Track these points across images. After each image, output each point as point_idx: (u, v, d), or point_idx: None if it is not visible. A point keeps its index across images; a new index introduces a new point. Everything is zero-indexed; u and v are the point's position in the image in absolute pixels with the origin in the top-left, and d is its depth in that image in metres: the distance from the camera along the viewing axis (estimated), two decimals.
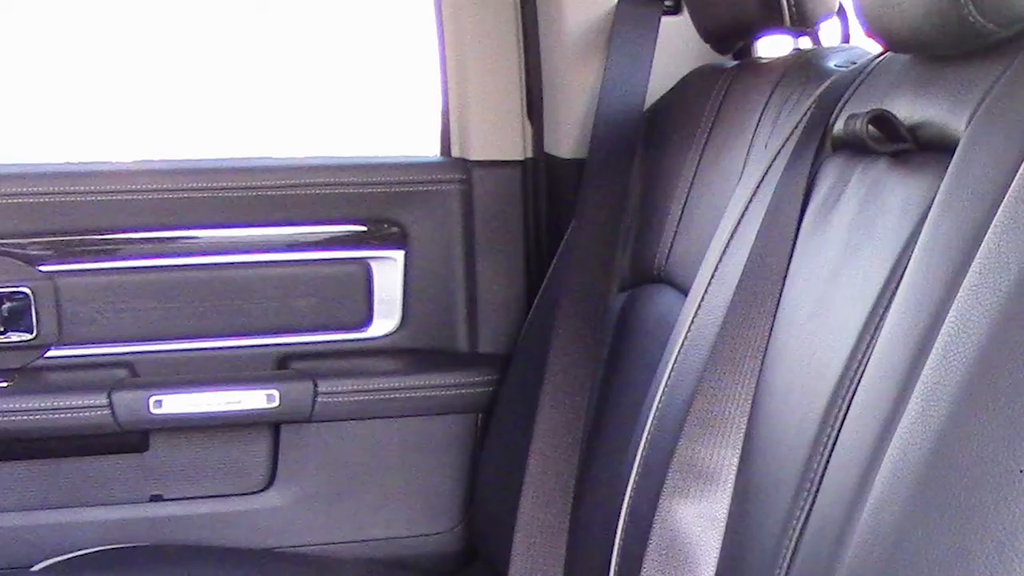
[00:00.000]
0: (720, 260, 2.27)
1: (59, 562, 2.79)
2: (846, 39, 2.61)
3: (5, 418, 2.83)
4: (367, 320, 3.11)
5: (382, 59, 3.87)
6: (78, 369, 2.94)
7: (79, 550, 2.84)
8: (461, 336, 3.15)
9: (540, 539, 2.52)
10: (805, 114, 2.25)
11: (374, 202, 3.08)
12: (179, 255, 2.98)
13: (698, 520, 1.97)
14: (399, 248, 3.10)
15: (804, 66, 2.43)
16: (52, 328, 2.93)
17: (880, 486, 1.61)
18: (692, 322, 2.27)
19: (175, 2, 4.21)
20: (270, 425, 3.02)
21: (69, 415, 2.85)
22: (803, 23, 2.58)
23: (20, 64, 4.34)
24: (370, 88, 4.03)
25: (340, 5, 4.03)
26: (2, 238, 2.90)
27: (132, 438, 2.94)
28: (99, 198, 2.92)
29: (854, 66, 2.28)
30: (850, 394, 1.81)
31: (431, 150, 3.22)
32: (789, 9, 2.53)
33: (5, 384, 2.89)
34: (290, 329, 3.06)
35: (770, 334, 2.05)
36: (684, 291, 2.43)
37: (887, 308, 1.80)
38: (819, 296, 1.98)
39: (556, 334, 2.65)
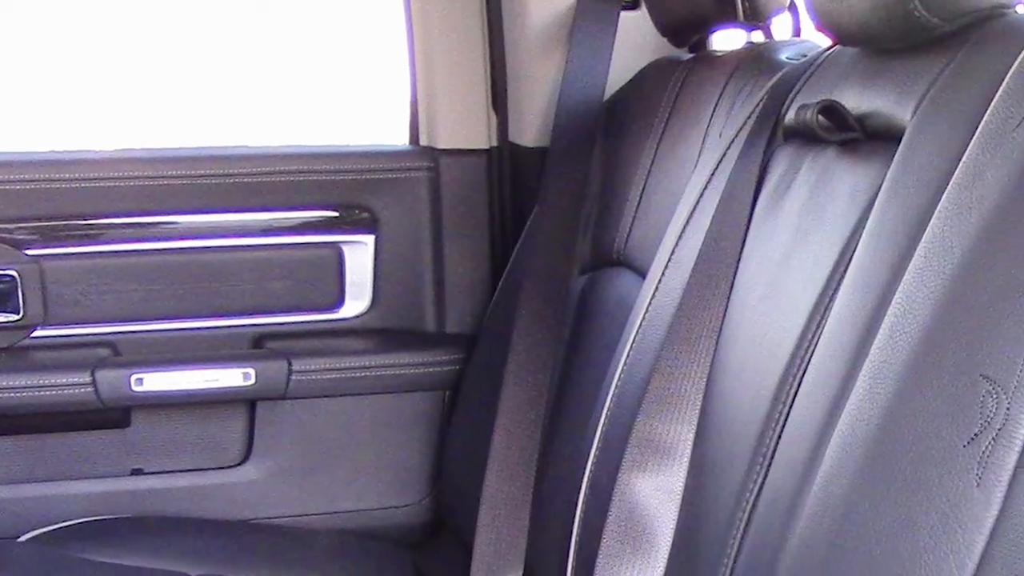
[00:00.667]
0: (676, 244, 2.27)
1: (45, 533, 2.78)
2: (797, 33, 2.61)
3: None
4: (339, 301, 3.10)
5: (354, 53, 3.85)
6: (63, 348, 2.93)
7: (64, 521, 2.83)
8: (429, 317, 3.15)
9: (504, 511, 2.51)
10: (758, 105, 2.24)
11: (345, 189, 3.07)
12: (160, 239, 2.97)
13: (655, 493, 1.97)
14: (369, 233, 3.09)
15: (757, 59, 2.43)
16: (38, 309, 2.91)
17: (830, 460, 1.61)
18: (650, 303, 2.27)
19: None
20: (246, 402, 3.01)
21: (54, 392, 2.84)
22: (756, 18, 2.58)
23: None
24: (342, 80, 4.01)
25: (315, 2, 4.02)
26: None
27: (114, 414, 2.94)
28: (83, 185, 2.90)
29: (804, 59, 2.28)
30: (801, 372, 1.81)
31: (400, 139, 3.21)
32: (742, 4, 2.54)
33: None
34: (265, 310, 3.05)
35: (724, 315, 2.05)
36: (642, 274, 2.42)
37: (836, 290, 1.80)
38: (771, 278, 1.98)
39: (520, 315, 2.65)
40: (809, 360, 1.80)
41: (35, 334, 2.94)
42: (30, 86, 4.43)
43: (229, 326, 3.04)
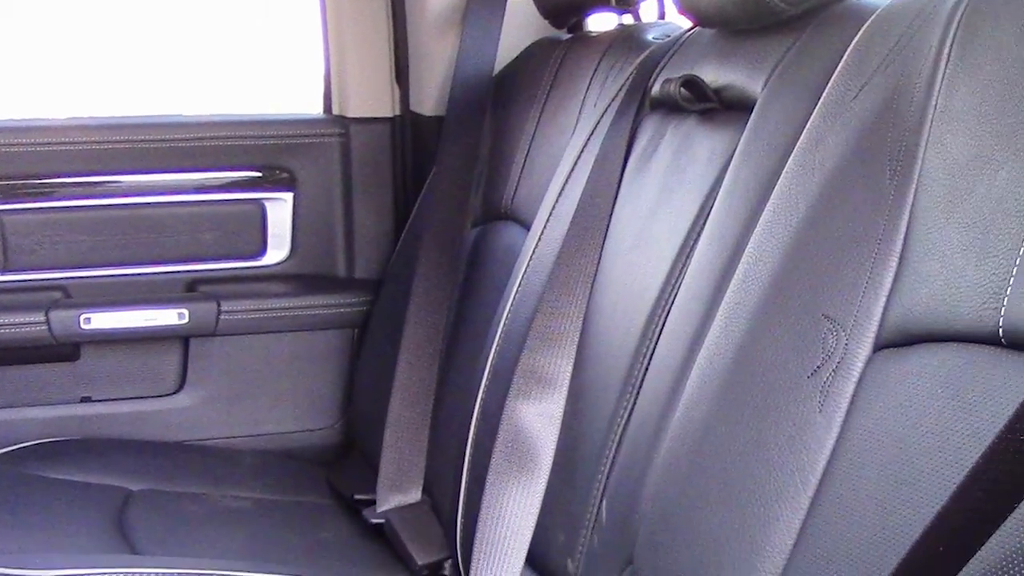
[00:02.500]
0: (556, 200, 2.27)
1: (4, 453, 2.76)
2: (662, 16, 2.62)
3: None
4: (262, 250, 3.08)
5: (275, 33, 3.78)
6: (20, 292, 2.89)
7: (21, 443, 2.81)
8: (340, 264, 3.14)
9: (406, 434, 2.52)
10: (627, 79, 2.24)
11: (268, 152, 3.05)
12: (105, 196, 2.94)
13: (538, 418, 1.97)
14: (288, 191, 3.08)
15: (627, 39, 2.42)
16: None
17: (690, 389, 1.62)
18: (533, 252, 2.27)
19: None
20: (181, 338, 2.99)
21: (12, 330, 2.82)
22: (626, 2, 2.59)
23: None
24: (263, 57, 3.94)
25: None
26: None
27: (65, 349, 2.91)
28: (37, 149, 2.87)
29: (669, 38, 2.28)
30: (665, 313, 1.82)
31: (315, 108, 3.20)
32: None
33: None
34: (197, 258, 3.03)
35: (598, 262, 2.06)
36: (527, 226, 2.42)
37: (696, 241, 1.81)
38: (639, 231, 1.99)
39: (420, 263, 2.63)
40: (672, 302, 1.81)
41: None
42: None
43: (166, 272, 3.01)
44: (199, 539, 2.43)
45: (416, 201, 3.02)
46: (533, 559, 1.93)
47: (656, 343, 1.81)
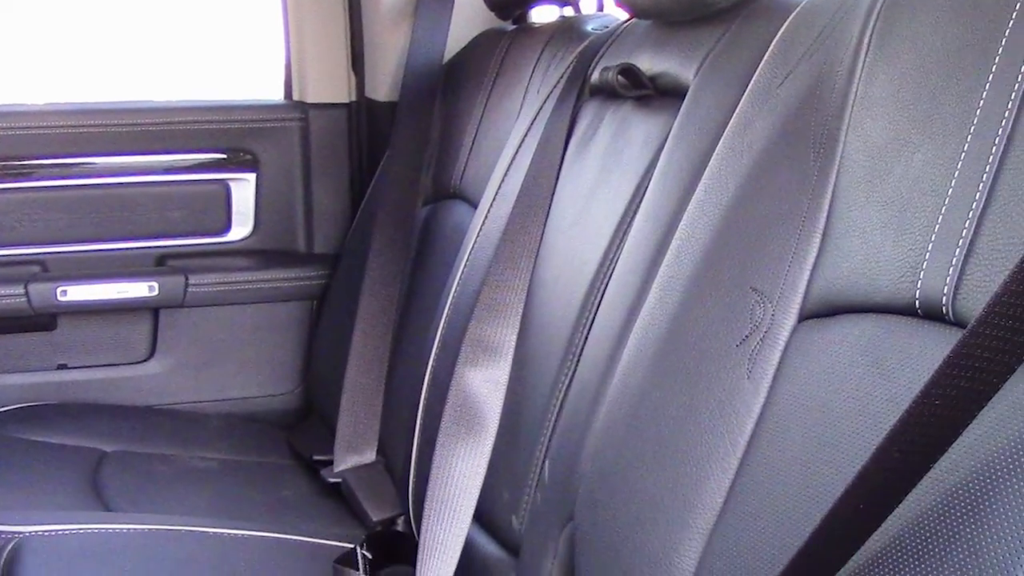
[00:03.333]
0: (502, 181, 2.27)
1: None
2: (601, 8, 2.62)
3: None
4: (227, 227, 3.07)
5: (241, 25, 3.75)
6: (1, 266, 2.87)
7: (1, 408, 2.80)
8: (300, 240, 3.12)
9: (362, 398, 2.51)
10: (568, 67, 2.24)
11: (232, 136, 3.04)
12: (81, 177, 2.92)
13: (485, 384, 1.97)
14: (252, 171, 3.06)
15: (568, 30, 2.42)
16: None
17: (627, 357, 1.61)
18: (480, 229, 2.27)
19: None
20: (151, 309, 2.98)
21: None
22: None
23: None
24: (229, 46, 3.90)
25: None
26: None
27: (43, 319, 2.90)
28: (17, 133, 2.85)
29: (607, 29, 2.28)
30: (604, 285, 1.82)
31: (277, 94, 3.19)
32: None
33: None
34: (167, 234, 3.01)
35: (541, 238, 2.06)
36: (474, 205, 2.42)
37: (632, 218, 1.81)
38: (579, 209, 1.99)
39: (374, 238, 2.63)
40: (610, 276, 1.81)
41: None
42: None
43: (137, 247, 3.00)
44: (168, 497, 2.43)
45: (371, 181, 3.01)
46: (480, 515, 1.92)
47: (595, 314, 1.81)
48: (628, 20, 2.20)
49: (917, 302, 1.17)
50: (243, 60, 3.69)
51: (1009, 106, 1.14)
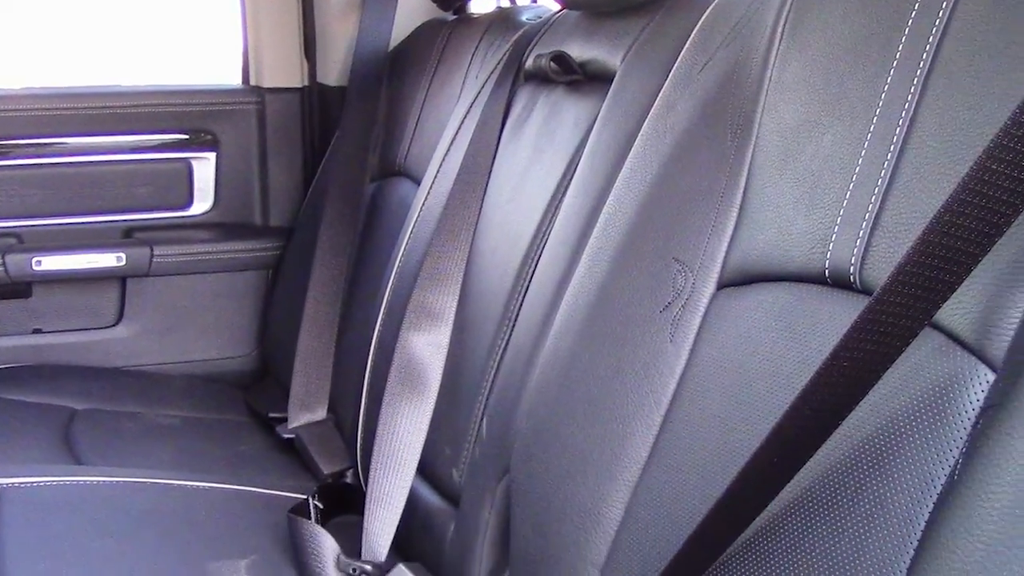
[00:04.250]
0: (443, 159, 2.27)
1: None
2: (534, 0, 2.63)
3: None
4: (189, 202, 3.06)
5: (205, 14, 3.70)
6: None
7: None
8: (257, 214, 3.11)
9: (313, 360, 2.50)
10: (504, 54, 2.23)
11: (194, 118, 3.03)
12: (54, 156, 2.90)
13: (427, 347, 1.96)
14: (212, 151, 3.05)
15: (504, 20, 2.41)
16: None
17: (559, 322, 1.61)
18: (423, 204, 2.27)
19: None
20: (119, 278, 2.95)
21: None
22: None
23: None
24: (193, 35, 3.85)
25: None
26: None
27: (19, 287, 2.87)
28: None
29: (540, 19, 2.27)
30: (537, 256, 1.82)
31: (235, 79, 3.17)
32: None
33: None
34: (133, 209, 3.00)
35: (479, 212, 2.05)
36: (417, 182, 2.41)
37: (563, 194, 1.81)
38: (515, 185, 1.98)
39: (325, 213, 2.62)
40: (543, 247, 1.81)
41: None
42: None
43: (106, 221, 2.98)
44: (135, 452, 2.41)
45: (322, 160, 3.01)
46: (423, 469, 1.91)
47: (529, 282, 1.81)
48: (560, 11, 2.19)
49: (827, 271, 1.16)
50: (206, 47, 3.65)
51: (912, 90, 1.13)
